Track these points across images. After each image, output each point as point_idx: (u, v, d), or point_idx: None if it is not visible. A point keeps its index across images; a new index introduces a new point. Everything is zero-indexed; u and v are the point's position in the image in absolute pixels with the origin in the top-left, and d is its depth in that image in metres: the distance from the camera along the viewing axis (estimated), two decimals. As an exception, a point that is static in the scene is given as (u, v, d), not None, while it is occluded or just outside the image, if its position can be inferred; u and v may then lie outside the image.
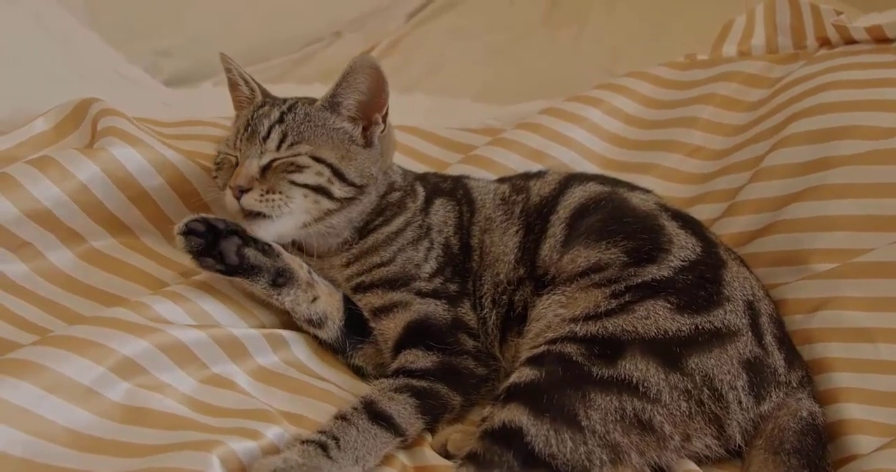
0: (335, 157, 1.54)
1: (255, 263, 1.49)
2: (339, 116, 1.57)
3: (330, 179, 1.53)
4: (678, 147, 1.98)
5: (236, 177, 1.49)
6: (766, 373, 1.39)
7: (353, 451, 1.31)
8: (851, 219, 1.63)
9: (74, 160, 1.56)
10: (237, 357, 1.45)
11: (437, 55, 2.97)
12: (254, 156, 1.52)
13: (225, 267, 1.48)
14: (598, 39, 3.11)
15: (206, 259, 1.48)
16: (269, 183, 1.50)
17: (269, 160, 1.52)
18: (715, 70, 2.09)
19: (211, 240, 1.48)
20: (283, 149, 1.53)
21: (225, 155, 1.57)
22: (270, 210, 1.49)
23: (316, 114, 1.57)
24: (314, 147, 1.53)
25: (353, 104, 1.57)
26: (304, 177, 1.51)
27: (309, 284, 1.53)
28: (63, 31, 2.34)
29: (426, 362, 1.47)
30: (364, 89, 1.56)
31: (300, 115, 1.56)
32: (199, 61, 2.74)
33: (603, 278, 1.45)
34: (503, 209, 1.64)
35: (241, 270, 1.48)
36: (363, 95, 1.56)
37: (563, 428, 1.28)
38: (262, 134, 1.53)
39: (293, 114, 1.56)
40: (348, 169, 1.55)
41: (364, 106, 1.57)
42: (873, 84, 1.79)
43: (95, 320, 1.36)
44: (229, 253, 1.48)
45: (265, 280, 1.50)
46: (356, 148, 1.58)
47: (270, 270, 1.50)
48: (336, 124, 1.57)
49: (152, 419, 1.29)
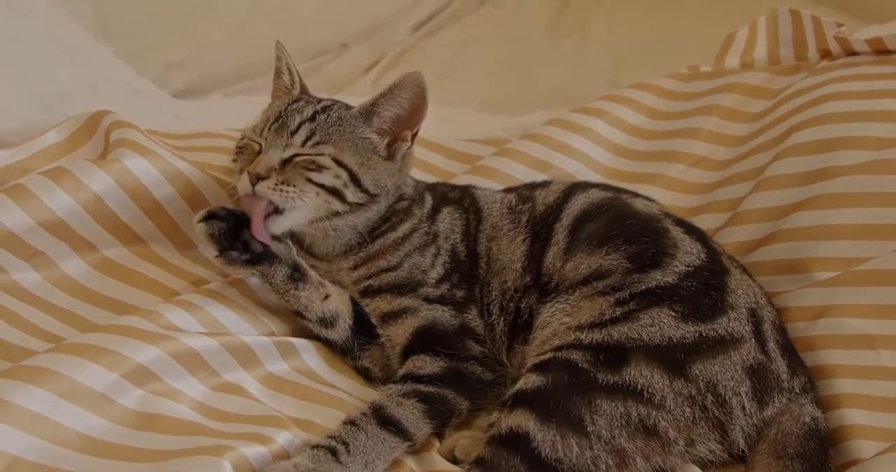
0: (356, 163, 1.56)
1: (276, 252, 1.51)
2: (370, 125, 1.59)
3: (346, 183, 1.54)
4: (681, 158, 2.00)
5: (257, 164, 1.50)
6: (769, 379, 1.41)
7: (363, 456, 1.33)
8: (852, 228, 1.64)
9: (88, 171, 1.58)
10: (247, 364, 1.46)
11: (442, 67, 2.98)
12: (278, 147, 1.53)
13: (250, 255, 1.50)
14: (603, 51, 3.12)
15: (230, 253, 1.50)
16: (286, 175, 1.51)
17: (291, 154, 1.53)
18: (718, 81, 2.11)
19: (231, 227, 1.50)
20: (307, 146, 1.54)
21: (248, 140, 1.59)
22: (282, 201, 1.50)
23: (348, 119, 1.59)
24: (338, 150, 1.55)
25: (391, 117, 1.59)
26: (322, 177, 1.52)
27: (320, 282, 1.55)
28: (74, 43, 2.36)
29: (434, 368, 1.49)
30: (405, 105, 1.58)
31: (333, 117, 1.58)
32: (208, 73, 2.78)
33: (607, 286, 1.47)
34: (510, 218, 1.66)
35: (265, 258, 1.50)
36: (402, 111, 1.58)
37: (570, 433, 1.30)
38: (291, 128, 1.54)
39: (326, 114, 1.58)
40: (365, 177, 1.56)
41: (399, 121, 1.59)
42: (874, 95, 1.81)
43: (108, 328, 1.39)
44: (254, 242, 1.50)
45: (284, 272, 1.52)
46: (377, 159, 1.59)
47: (289, 262, 1.52)
48: (364, 134, 1.59)
49: (165, 425, 1.31)
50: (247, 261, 1.51)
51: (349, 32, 3.12)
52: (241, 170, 1.55)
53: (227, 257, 1.51)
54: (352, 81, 2.93)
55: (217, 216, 1.50)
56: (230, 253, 1.50)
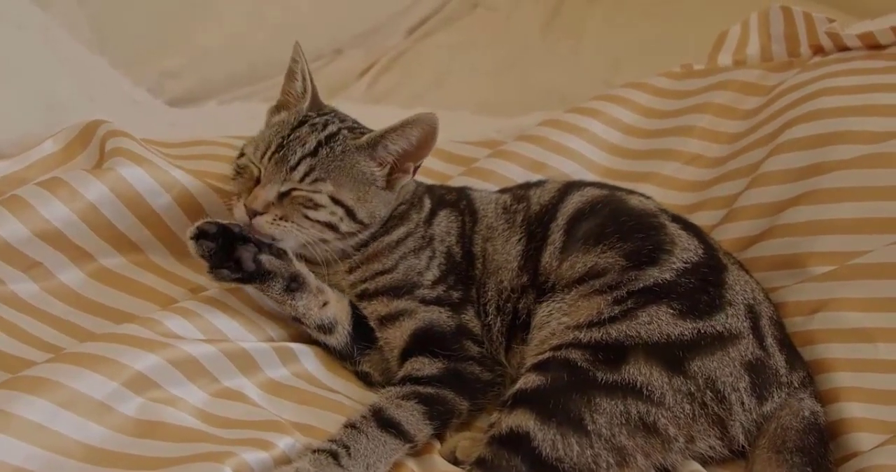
0: (352, 198, 1.55)
1: (270, 268, 1.50)
2: (374, 156, 1.57)
3: (341, 218, 1.54)
4: (676, 156, 2.00)
5: (254, 200, 1.49)
6: (767, 374, 1.41)
7: (364, 458, 1.33)
8: (848, 222, 1.65)
9: (83, 181, 1.58)
10: (247, 370, 1.46)
11: (437, 70, 2.99)
12: (276, 182, 1.51)
13: (242, 275, 1.49)
14: (597, 51, 3.12)
15: (221, 271, 1.49)
16: (283, 210, 1.50)
17: (289, 189, 1.52)
18: (711, 79, 2.11)
19: (223, 244, 1.49)
20: (306, 182, 1.52)
21: (248, 162, 1.56)
22: (281, 235, 1.51)
23: (351, 152, 1.57)
24: (336, 188, 1.53)
25: (398, 150, 1.58)
26: (318, 215, 1.52)
27: (319, 289, 1.55)
28: (70, 54, 2.37)
29: (432, 369, 1.49)
30: (413, 142, 1.57)
31: (336, 150, 1.56)
32: (204, 81, 2.79)
33: (604, 284, 1.47)
34: (505, 218, 1.66)
35: (257, 276, 1.50)
36: (409, 146, 1.57)
37: (570, 432, 1.31)
38: (291, 163, 1.52)
39: (329, 147, 1.55)
40: (360, 210, 1.56)
41: (405, 154, 1.58)
42: (866, 89, 1.81)
43: (107, 337, 1.38)
44: (246, 260, 1.49)
45: (280, 285, 1.51)
46: (374, 190, 1.58)
47: (285, 275, 1.51)
48: (365, 167, 1.57)
49: (165, 433, 1.31)
50: (238, 279, 1.50)
51: (344, 37, 3.13)
52: (238, 194, 1.54)
53: (218, 275, 1.50)
54: (346, 85, 2.94)
55: (207, 235, 1.49)
56: (221, 272, 1.50)
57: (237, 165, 1.59)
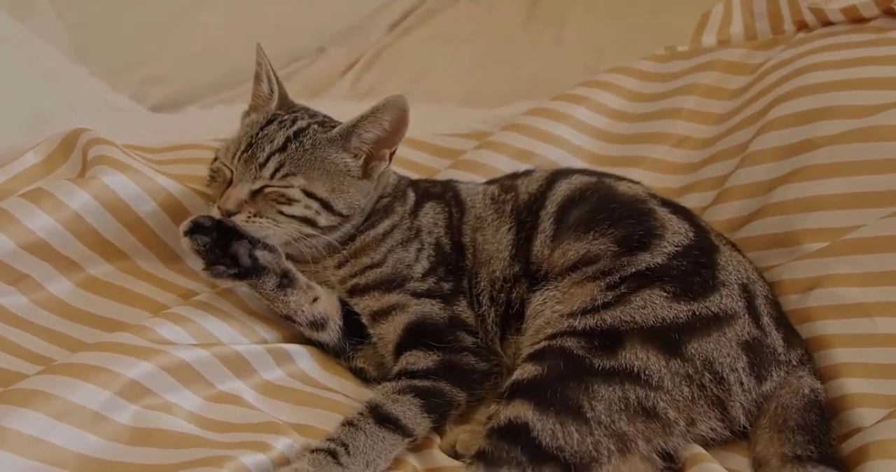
0: (326, 190, 1.55)
1: (264, 264, 1.50)
2: (347, 147, 1.58)
3: (318, 211, 1.54)
4: (665, 138, 2.00)
5: (226, 200, 1.51)
6: (765, 353, 1.40)
7: (363, 455, 1.32)
8: (839, 197, 1.63)
9: (67, 190, 1.57)
10: (242, 373, 1.46)
11: (420, 64, 2.97)
12: (246, 181, 1.53)
13: (238, 270, 1.49)
14: (580, 39, 3.11)
15: (217, 268, 1.49)
16: (257, 207, 1.52)
17: (260, 186, 1.53)
18: (696, 60, 2.10)
19: (217, 239, 1.49)
20: (277, 177, 1.53)
21: (220, 165, 1.58)
22: (257, 232, 1.51)
23: (322, 145, 1.57)
24: (308, 181, 1.54)
25: (372, 138, 1.58)
26: (293, 209, 1.53)
27: (308, 285, 1.55)
28: (50, 65, 2.36)
29: (427, 362, 1.49)
30: (387, 127, 1.57)
31: (305, 144, 1.57)
32: (186, 86, 2.77)
33: (596, 271, 1.46)
34: (494, 208, 1.65)
35: (252, 272, 1.50)
36: (383, 132, 1.58)
37: (569, 421, 1.29)
38: (260, 160, 1.53)
39: (298, 142, 1.56)
40: (337, 201, 1.56)
41: (379, 141, 1.58)
42: (852, 63, 1.80)
43: (99, 346, 1.38)
44: (243, 255, 1.49)
45: (273, 281, 1.51)
46: (350, 180, 1.58)
47: (277, 271, 1.51)
48: (338, 158, 1.58)
49: (162, 440, 1.30)
50: (235, 275, 1.50)
51: (325, 36, 3.11)
52: (214, 199, 1.55)
53: (214, 272, 1.50)
54: (330, 83, 2.91)
55: (202, 228, 1.49)
56: (217, 268, 1.50)
57: (211, 170, 1.60)
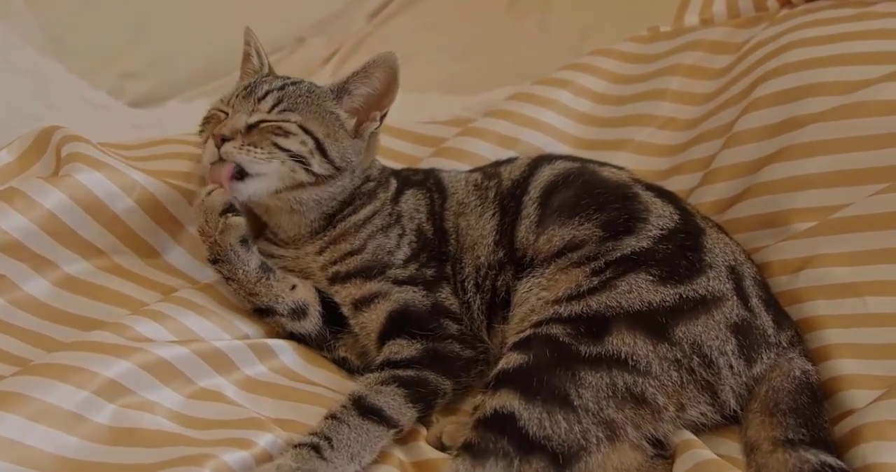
0: (322, 132, 1.56)
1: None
2: (340, 103, 1.60)
3: (312, 151, 1.54)
4: (649, 120, 1.98)
5: (222, 127, 1.52)
6: (755, 335, 1.38)
7: (347, 449, 1.30)
8: (826, 176, 1.61)
9: (40, 189, 1.54)
10: (223, 370, 1.44)
11: (402, 52, 2.85)
12: (244, 111, 1.54)
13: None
14: (564, 23, 3.08)
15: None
16: (252, 138, 1.52)
17: (257, 119, 1.54)
18: (679, 40, 2.08)
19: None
20: (274, 112, 1.55)
21: (216, 111, 1.60)
22: (248, 162, 1.50)
23: (318, 94, 1.60)
24: (305, 118, 1.56)
25: (362, 95, 1.60)
26: (289, 142, 1.53)
27: (283, 275, 1.56)
28: (26, 64, 2.33)
29: (411, 351, 1.47)
30: (377, 85, 1.59)
31: (302, 89, 1.60)
32: (164, 80, 2.74)
33: (581, 256, 1.44)
34: (477, 194, 1.64)
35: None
36: (373, 90, 1.60)
37: (556, 409, 1.27)
38: (259, 95, 1.56)
39: (296, 86, 1.60)
40: (332, 147, 1.57)
41: (370, 101, 1.61)
42: (836, 39, 1.78)
43: (75, 345, 1.36)
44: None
45: (257, 261, 1.53)
46: (344, 134, 1.60)
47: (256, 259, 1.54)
48: (332, 109, 1.60)
49: (141, 439, 1.28)
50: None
51: (304, 25, 3.09)
52: (206, 139, 1.56)
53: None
54: (310, 74, 2.85)
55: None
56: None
57: (204, 118, 1.63)
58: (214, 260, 1.54)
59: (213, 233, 1.52)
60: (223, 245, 1.52)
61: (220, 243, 1.52)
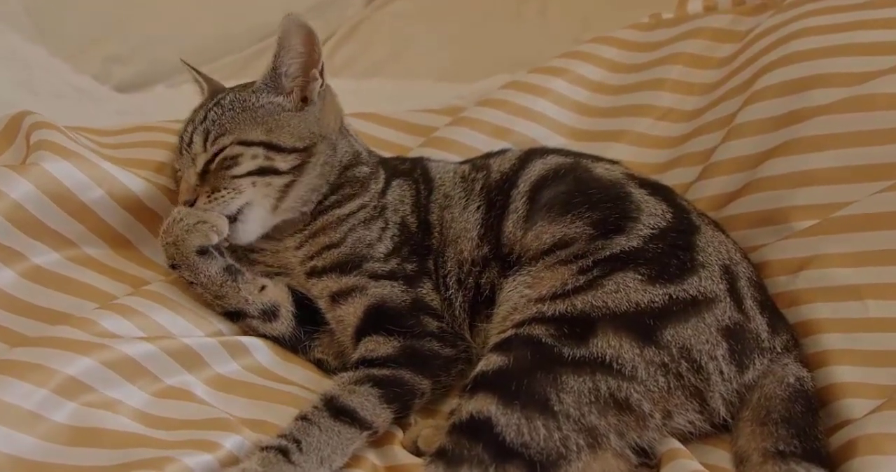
0: (262, 132, 1.52)
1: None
2: (277, 90, 1.56)
3: (268, 157, 1.51)
4: (648, 111, 1.91)
5: (182, 194, 1.51)
6: (747, 339, 1.32)
7: (317, 452, 1.25)
8: (830, 171, 1.55)
9: (5, 178, 1.47)
10: (192, 367, 1.39)
11: (397, 38, 2.89)
12: (188, 166, 1.53)
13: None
14: (565, 11, 3.02)
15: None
16: (211, 184, 1.50)
17: (202, 163, 1.51)
18: (681, 28, 2.01)
19: None
20: (208, 146, 1.52)
21: (177, 172, 1.58)
22: (222, 208, 1.48)
23: (242, 98, 1.56)
24: (237, 133, 1.52)
25: (294, 66, 1.56)
26: (241, 167, 1.50)
27: (252, 277, 1.51)
28: (9, 49, 2.28)
29: (387, 349, 1.42)
30: (300, 48, 1.56)
31: (225, 104, 1.55)
32: (150, 65, 2.70)
33: (569, 254, 1.39)
34: (462, 186, 1.59)
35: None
36: (300, 55, 1.56)
37: (535, 415, 1.21)
38: (187, 141, 1.54)
39: (218, 107, 1.56)
40: (282, 137, 1.53)
41: (304, 66, 1.56)
42: (845, 28, 1.70)
43: (35, 341, 1.31)
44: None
45: (220, 263, 1.49)
46: (286, 115, 1.55)
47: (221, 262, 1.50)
48: (262, 102, 1.55)
49: (101, 439, 1.23)
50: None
51: (299, 9, 2.97)
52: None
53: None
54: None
55: None
56: None
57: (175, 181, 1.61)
58: (173, 265, 1.49)
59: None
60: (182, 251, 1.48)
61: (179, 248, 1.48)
